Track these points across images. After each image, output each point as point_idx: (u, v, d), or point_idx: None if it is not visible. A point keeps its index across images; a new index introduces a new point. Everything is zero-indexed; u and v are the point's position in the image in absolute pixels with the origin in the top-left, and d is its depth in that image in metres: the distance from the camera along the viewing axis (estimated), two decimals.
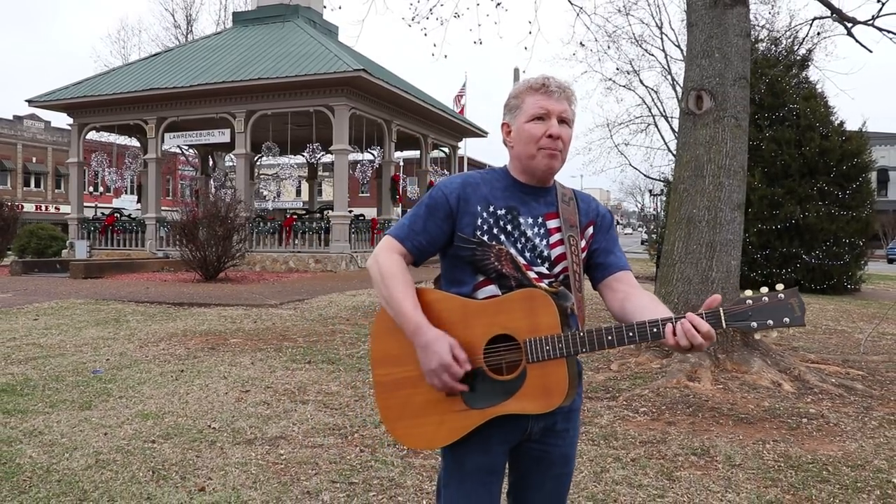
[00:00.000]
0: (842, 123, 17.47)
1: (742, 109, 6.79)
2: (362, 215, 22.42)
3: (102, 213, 24.50)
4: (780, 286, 1.73)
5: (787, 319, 1.69)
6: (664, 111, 29.16)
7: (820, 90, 17.94)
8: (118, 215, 23.30)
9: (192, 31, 37.36)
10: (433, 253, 1.94)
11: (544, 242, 1.89)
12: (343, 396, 5.53)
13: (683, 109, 7.07)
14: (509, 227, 1.88)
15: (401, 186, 24.28)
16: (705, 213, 6.73)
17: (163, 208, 22.73)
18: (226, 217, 15.94)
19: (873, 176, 19.44)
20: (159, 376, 6.16)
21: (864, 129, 18.10)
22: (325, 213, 21.61)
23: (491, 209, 1.88)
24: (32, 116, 46.46)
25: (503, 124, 1.96)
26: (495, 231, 1.87)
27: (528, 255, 1.88)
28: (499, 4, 11.11)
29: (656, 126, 30.14)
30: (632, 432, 4.66)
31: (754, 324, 1.70)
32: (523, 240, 1.88)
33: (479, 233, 1.86)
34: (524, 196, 1.91)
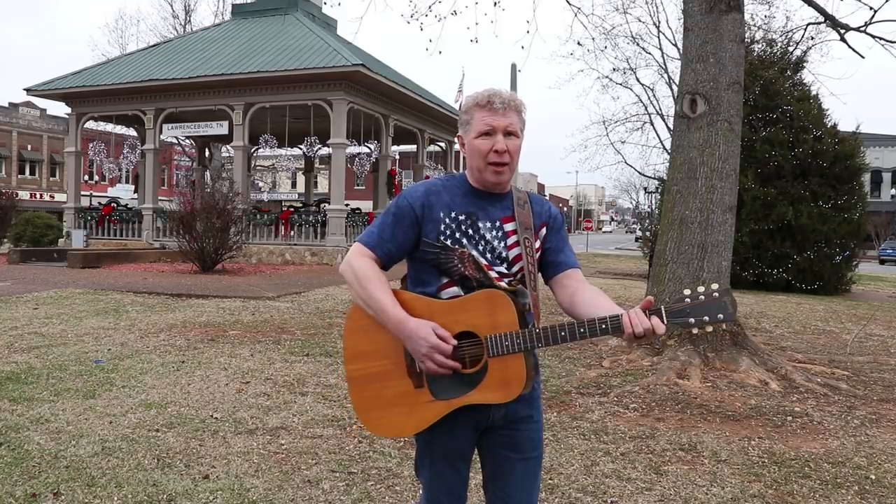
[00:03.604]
0: (835, 125, 17.63)
1: (735, 114, 6.93)
2: (358, 209, 22.51)
3: (99, 203, 24.49)
4: (714, 285, 1.88)
5: (720, 316, 1.85)
6: (660, 109, 29.15)
7: (814, 92, 18.10)
8: (115, 205, 23.32)
9: (190, 21, 37.32)
10: (401, 258, 2.08)
11: (502, 244, 2.04)
12: (341, 389, 5.66)
13: (678, 112, 7.21)
14: (470, 231, 2.02)
15: (397, 181, 24.37)
16: (697, 214, 6.88)
17: (159, 198, 22.78)
18: (223, 209, 16.01)
19: (867, 178, 19.62)
20: (161, 367, 6.28)
21: (857, 132, 18.25)
22: (322, 206, 21.69)
23: (453, 215, 2.02)
24: (28, 104, 46.25)
25: (458, 136, 2.11)
26: (457, 235, 2.01)
27: (488, 256, 2.02)
28: (496, 3, 11.20)
29: (652, 124, 30.37)
30: (622, 428, 4.81)
31: (692, 320, 1.86)
32: (483, 242, 2.02)
33: (442, 237, 2.00)
34: (482, 202, 2.06)
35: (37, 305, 9.95)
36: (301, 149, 21.79)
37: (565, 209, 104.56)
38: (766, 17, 33.85)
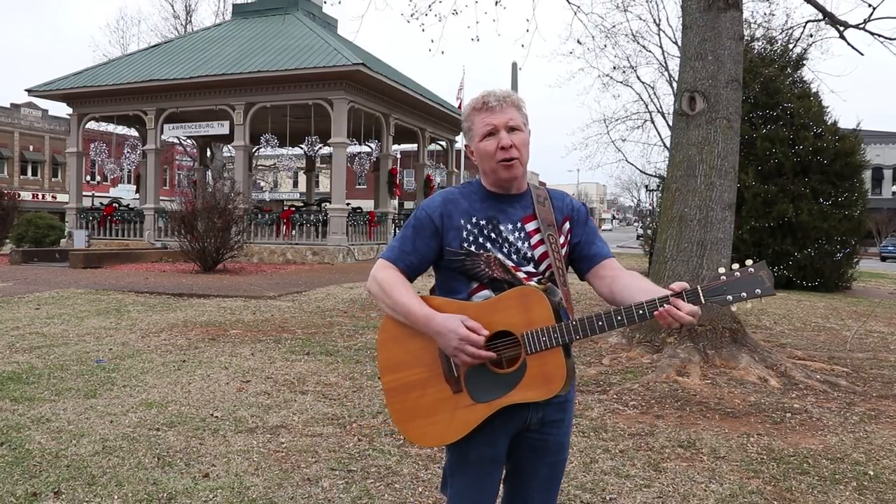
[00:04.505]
0: (835, 122, 17.60)
1: (734, 111, 6.93)
2: (360, 208, 22.54)
3: (101, 203, 24.55)
4: (749, 261, 1.89)
5: (758, 291, 1.85)
6: (661, 107, 29.08)
7: (815, 90, 18.06)
8: (117, 205, 23.36)
9: (191, 21, 37.31)
10: (424, 270, 2.09)
11: (526, 244, 2.04)
12: (341, 387, 5.68)
13: (676, 110, 7.21)
14: (493, 235, 2.02)
15: (398, 180, 24.38)
16: (697, 212, 6.88)
17: (161, 198, 22.81)
18: (225, 209, 16.03)
19: (867, 175, 19.56)
20: (161, 366, 6.30)
21: (858, 129, 18.22)
22: (323, 205, 21.72)
23: (473, 220, 2.02)
24: (30, 104, 46.34)
25: (466, 146, 2.13)
26: (481, 240, 2.01)
27: (514, 257, 2.02)
28: (497, 2, 11.20)
29: (653, 122, 30.14)
30: (621, 425, 4.82)
31: (730, 297, 1.86)
32: (507, 245, 2.02)
33: (465, 244, 2.01)
34: (501, 205, 2.06)
35: (38, 306, 9.98)
36: (302, 148, 21.81)
37: None
38: (765, 14, 33.85)
